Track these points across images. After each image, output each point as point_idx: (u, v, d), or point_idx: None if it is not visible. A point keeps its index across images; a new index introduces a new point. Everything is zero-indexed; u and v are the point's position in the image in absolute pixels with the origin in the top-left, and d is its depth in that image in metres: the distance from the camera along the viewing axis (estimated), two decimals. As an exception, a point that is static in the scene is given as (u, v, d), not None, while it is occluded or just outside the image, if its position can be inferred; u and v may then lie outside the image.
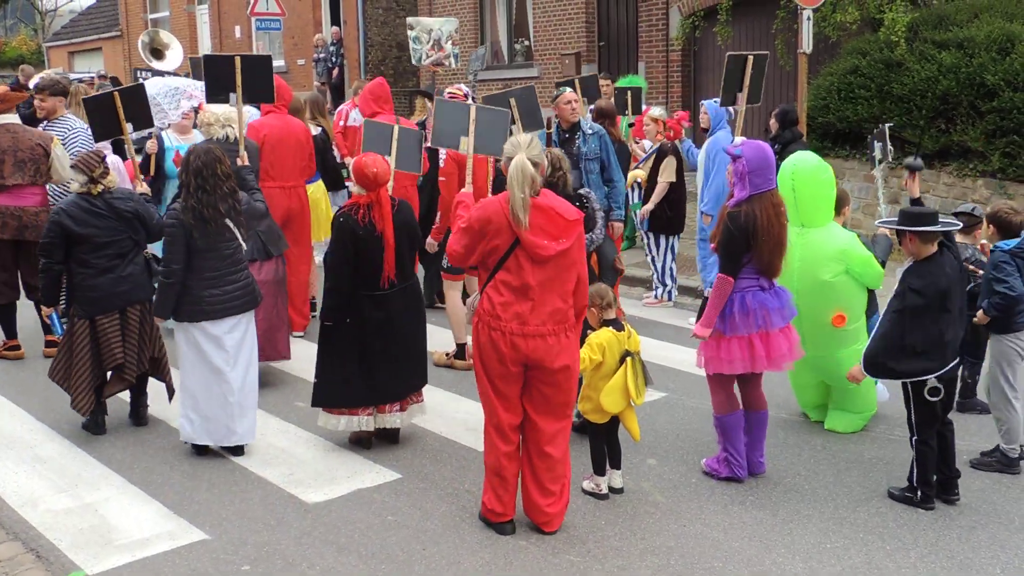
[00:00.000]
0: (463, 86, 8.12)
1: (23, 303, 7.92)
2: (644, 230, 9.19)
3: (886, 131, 7.19)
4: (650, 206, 9.06)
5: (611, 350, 5.09)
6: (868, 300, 5.99)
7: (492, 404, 4.71)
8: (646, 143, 9.67)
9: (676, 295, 9.37)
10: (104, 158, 6.08)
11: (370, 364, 5.65)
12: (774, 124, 9.31)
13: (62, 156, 7.58)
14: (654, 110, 9.83)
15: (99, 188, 5.91)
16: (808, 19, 10.54)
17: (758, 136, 8.79)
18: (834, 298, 5.76)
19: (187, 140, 8.19)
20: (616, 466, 5.29)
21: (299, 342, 7.71)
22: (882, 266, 5.88)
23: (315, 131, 9.06)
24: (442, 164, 7.44)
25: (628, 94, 10.72)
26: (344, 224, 5.53)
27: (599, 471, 5.24)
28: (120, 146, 7.92)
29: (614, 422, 5.23)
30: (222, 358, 5.65)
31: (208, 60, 7.20)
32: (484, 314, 4.62)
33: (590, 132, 7.58)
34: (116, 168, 8.20)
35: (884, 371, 5.08)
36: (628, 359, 5.06)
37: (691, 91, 14.85)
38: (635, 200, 9.46)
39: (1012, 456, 5.44)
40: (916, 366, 4.94)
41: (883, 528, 4.87)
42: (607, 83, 11.99)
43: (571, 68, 16.29)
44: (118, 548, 4.71)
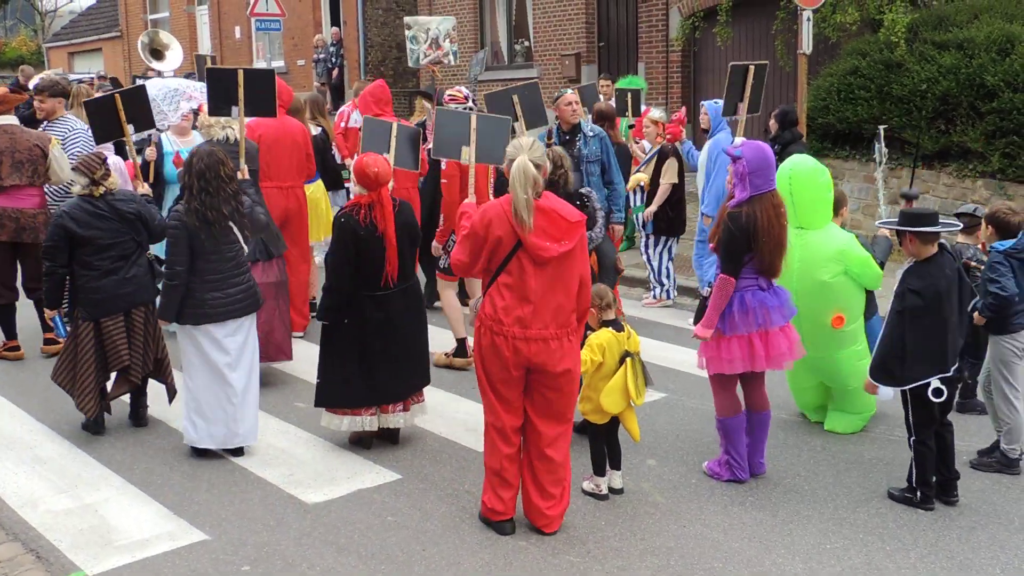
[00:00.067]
0: (463, 88, 8.11)
1: (22, 303, 7.92)
2: (648, 232, 9.19)
3: (881, 133, 7.22)
4: (653, 208, 9.06)
5: (611, 351, 5.10)
6: (867, 301, 6.00)
7: (494, 407, 4.71)
8: (645, 144, 9.68)
9: (675, 294, 9.37)
10: (105, 160, 6.07)
11: (370, 364, 5.65)
12: (774, 125, 9.33)
13: (60, 157, 7.57)
14: (654, 112, 9.84)
15: (101, 190, 5.91)
16: (808, 20, 10.55)
17: (758, 137, 8.76)
18: (833, 299, 5.76)
19: (186, 142, 8.16)
20: (616, 467, 5.29)
21: (299, 342, 7.71)
22: (881, 267, 5.89)
23: (315, 131, 9.07)
24: (444, 166, 7.43)
25: (628, 96, 10.73)
26: (345, 224, 5.53)
27: (599, 472, 5.24)
28: (122, 147, 7.92)
29: (614, 423, 5.23)
30: (224, 361, 5.65)
31: (211, 73, 7.11)
32: (486, 318, 4.61)
33: (591, 134, 7.57)
34: (118, 169, 8.20)
35: (890, 378, 5.06)
36: (628, 359, 5.06)
37: (691, 92, 14.86)
38: (638, 203, 9.45)
39: (1012, 456, 5.45)
40: (918, 370, 4.94)
41: (883, 529, 4.87)
42: (607, 84, 12.00)
43: (571, 69, 16.31)
44: (118, 549, 4.71)
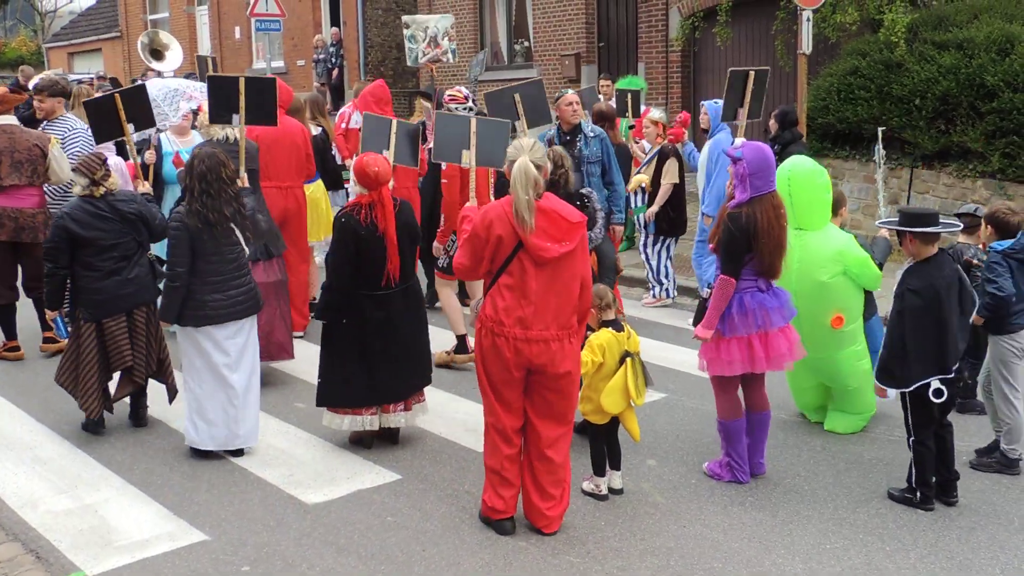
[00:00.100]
0: (463, 88, 8.10)
1: (22, 303, 7.91)
2: (651, 232, 9.19)
3: (880, 136, 7.23)
4: (655, 208, 9.07)
5: (611, 351, 5.09)
6: (866, 302, 6.00)
7: (494, 408, 4.71)
8: (645, 144, 9.68)
9: (675, 294, 9.37)
10: (105, 160, 6.07)
11: (370, 364, 5.65)
12: (774, 125, 9.33)
13: (60, 157, 7.57)
14: (654, 112, 9.84)
15: (101, 190, 5.91)
16: (808, 20, 10.56)
17: (758, 137, 8.78)
18: (832, 299, 5.76)
19: (186, 142, 8.15)
20: (616, 467, 5.29)
21: (299, 343, 7.69)
22: (879, 268, 5.89)
23: (315, 131, 9.06)
24: (444, 167, 7.42)
25: (628, 97, 10.73)
26: (346, 224, 5.53)
27: (599, 472, 5.24)
28: (123, 147, 7.91)
29: (614, 423, 5.22)
30: (224, 362, 5.65)
31: (212, 80, 7.07)
32: (487, 320, 4.61)
33: (592, 135, 7.55)
34: (119, 170, 8.20)
35: (892, 379, 5.05)
36: (628, 359, 5.06)
37: (691, 92, 14.86)
38: (639, 203, 9.45)
39: (1012, 457, 5.44)
40: (917, 370, 4.94)
41: (883, 529, 4.87)
42: (607, 84, 12.00)
43: (571, 69, 16.31)
44: (118, 549, 4.71)
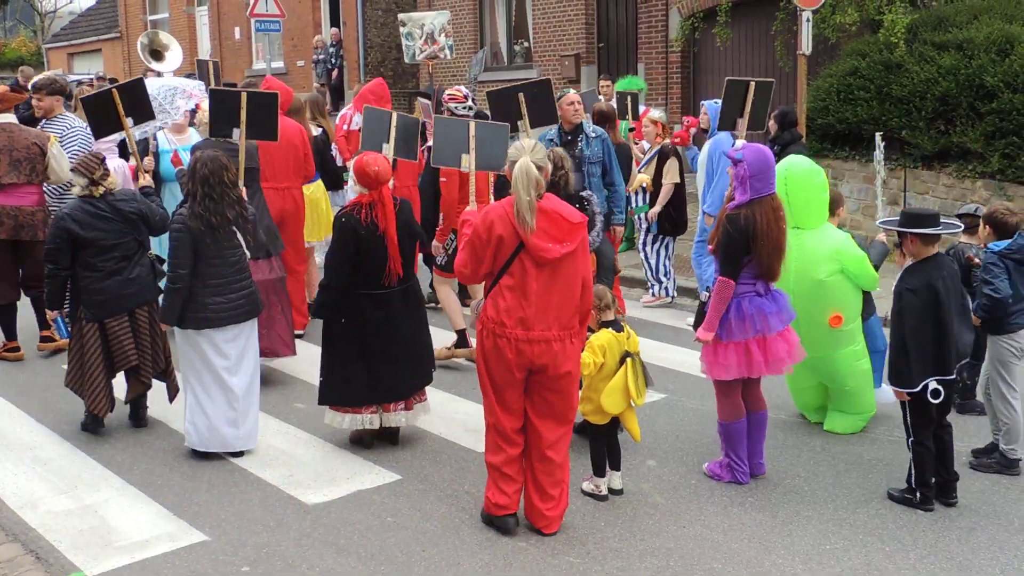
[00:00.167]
0: (462, 88, 8.11)
1: (22, 303, 7.90)
2: (654, 232, 9.19)
3: (879, 140, 7.23)
4: (657, 208, 9.07)
5: (611, 351, 5.10)
6: (865, 302, 6.01)
7: (494, 409, 4.71)
8: (644, 144, 9.68)
9: (675, 293, 9.37)
10: (103, 159, 6.07)
11: (370, 363, 5.66)
12: (773, 126, 9.31)
13: (59, 155, 7.56)
14: (653, 112, 9.85)
15: (100, 190, 5.91)
16: (807, 21, 10.56)
17: (757, 138, 8.77)
18: (830, 298, 5.77)
19: (183, 139, 8.22)
20: (616, 467, 5.29)
21: (299, 343, 7.68)
22: (875, 270, 5.89)
23: (316, 132, 9.05)
24: None
25: (628, 100, 10.71)
26: (346, 224, 5.53)
27: (599, 472, 5.24)
28: (126, 148, 7.91)
29: (614, 423, 5.23)
30: (224, 365, 5.65)
31: (214, 94, 7.05)
32: (488, 320, 4.61)
33: (593, 135, 7.55)
34: (121, 172, 8.21)
35: (901, 380, 5.02)
36: (628, 360, 5.06)
37: (691, 92, 14.86)
38: (640, 203, 9.45)
39: (1012, 457, 5.44)
40: (918, 370, 4.93)
41: (882, 529, 4.87)
42: (607, 84, 12.00)
43: (571, 69, 16.30)
44: (118, 550, 4.71)
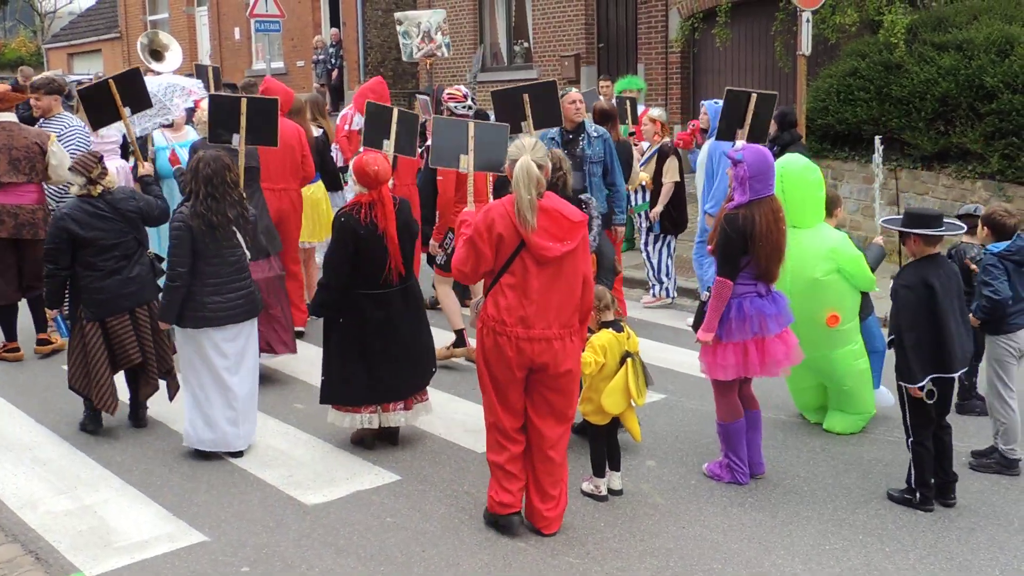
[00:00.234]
0: (462, 87, 8.11)
1: (22, 303, 7.90)
2: (656, 232, 9.20)
3: (878, 143, 7.23)
4: (659, 208, 9.08)
5: (612, 351, 5.10)
6: (863, 302, 6.01)
7: (494, 408, 4.71)
8: (643, 145, 9.68)
9: (675, 293, 9.37)
10: (101, 158, 6.07)
11: (370, 363, 5.66)
12: (773, 126, 9.31)
13: (59, 153, 7.55)
14: (653, 111, 9.84)
15: (99, 189, 5.91)
16: (807, 21, 10.56)
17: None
18: (826, 297, 5.77)
19: (179, 136, 8.26)
20: (615, 468, 5.29)
21: (299, 343, 7.68)
22: (871, 272, 5.89)
23: (316, 132, 9.04)
24: None
25: (627, 103, 10.69)
26: (345, 224, 5.53)
27: (599, 473, 5.24)
28: (127, 148, 7.92)
29: (614, 424, 5.23)
30: (223, 365, 5.65)
31: (214, 99, 7.02)
32: (489, 319, 4.61)
33: (595, 135, 7.54)
34: (123, 173, 8.22)
35: (903, 375, 5.02)
36: (628, 360, 5.07)
37: (690, 92, 14.87)
38: (639, 202, 9.45)
39: (1011, 457, 5.44)
40: (917, 367, 4.93)
41: (882, 530, 4.87)
42: (607, 85, 12.00)
43: (570, 70, 16.31)
44: (117, 550, 4.71)
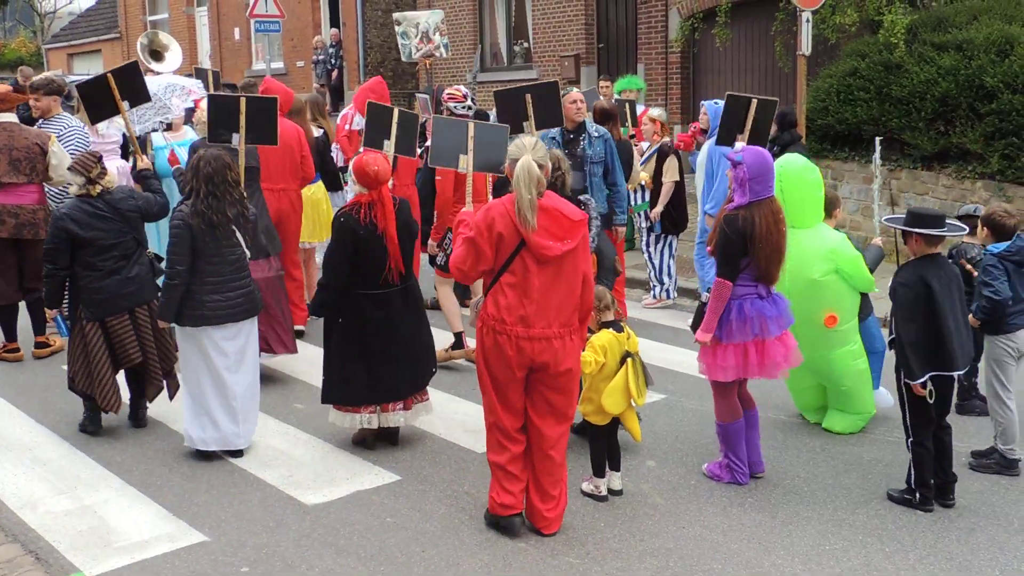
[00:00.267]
0: (462, 87, 8.12)
1: (22, 304, 7.90)
2: (657, 232, 9.20)
3: (878, 144, 7.24)
4: (660, 208, 9.08)
5: (612, 351, 5.10)
6: (862, 302, 6.01)
7: (494, 407, 4.71)
8: (643, 144, 9.68)
9: (675, 294, 9.37)
10: (100, 158, 6.07)
11: (370, 363, 5.66)
12: (773, 126, 9.31)
13: (60, 153, 7.55)
14: (653, 110, 9.84)
15: (98, 189, 5.91)
16: (807, 21, 10.56)
17: (757, 143, 8.78)
18: (825, 298, 5.77)
19: (178, 136, 8.29)
20: (615, 468, 5.29)
21: (299, 343, 7.68)
22: (870, 272, 5.89)
23: (316, 132, 9.04)
24: None
25: (627, 106, 10.68)
26: (345, 224, 5.53)
27: (598, 473, 5.24)
28: (127, 149, 7.92)
29: (614, 424, 5.23)
30: (223, 364, 5.65)
31: (213, 99, 7.02)
32: (489, 318, 4.61)
33: (596, 135, 7.54)
34: (124, 174, 8.22)
35: (905, 372, 5.03)
36: (628, 360, 5.07)
37: (690, 93, 14.88)
38: (639, 201, 9.45)
39: (1011, 457, 5.44)
40: (916, 364, 4.92)
41: (882, 530, 4.87)
42: (607, 85, 12.00)
43: (570, 70, 16.30)
44: (117, 550, 4.71)
